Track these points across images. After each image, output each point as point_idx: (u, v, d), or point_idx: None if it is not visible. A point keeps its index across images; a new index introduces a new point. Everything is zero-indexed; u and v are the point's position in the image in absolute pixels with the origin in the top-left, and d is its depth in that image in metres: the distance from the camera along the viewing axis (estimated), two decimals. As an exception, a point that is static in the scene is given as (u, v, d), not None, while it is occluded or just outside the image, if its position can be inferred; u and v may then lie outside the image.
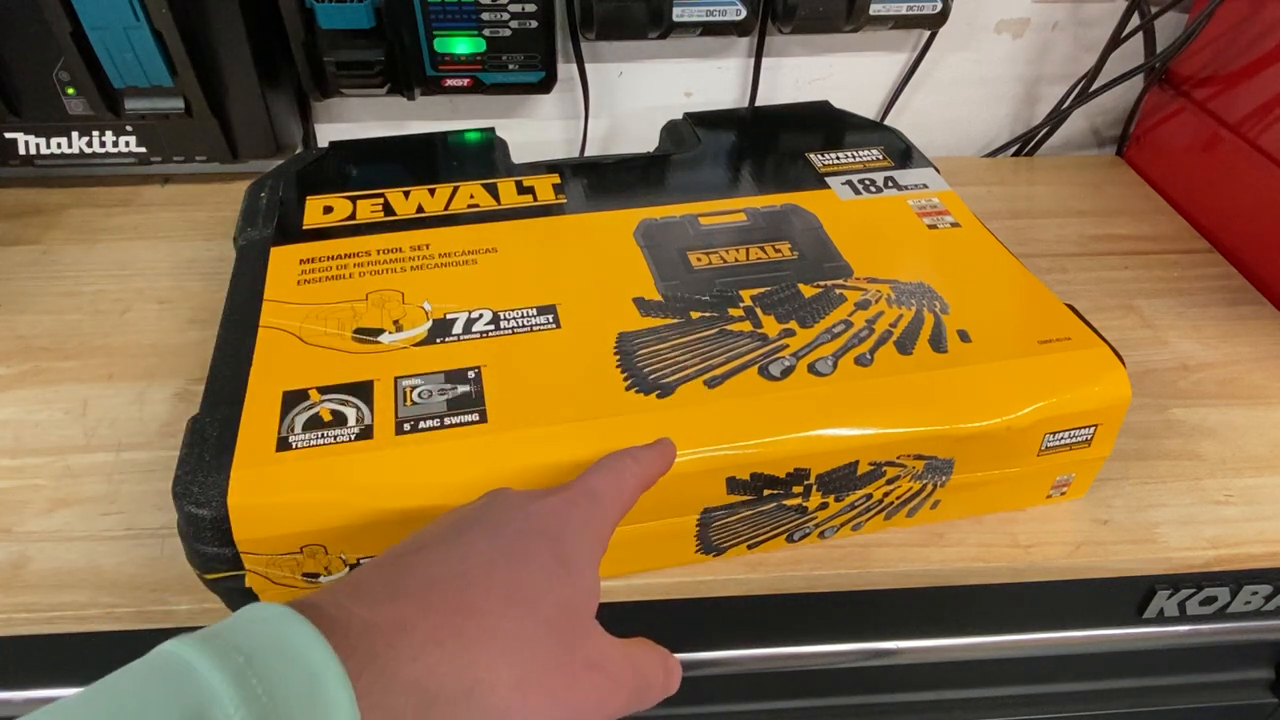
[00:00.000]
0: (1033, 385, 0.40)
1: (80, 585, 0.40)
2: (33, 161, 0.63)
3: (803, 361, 0.40)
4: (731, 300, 0.44)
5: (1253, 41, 0.60)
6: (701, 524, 0.39)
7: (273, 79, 0.63)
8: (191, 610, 0.40)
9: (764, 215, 0.51)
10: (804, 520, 0.41)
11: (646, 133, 0.73)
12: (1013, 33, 0.70)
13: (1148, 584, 0.46)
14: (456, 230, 0.49)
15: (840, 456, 0.38)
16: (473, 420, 0.37)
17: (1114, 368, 0.41)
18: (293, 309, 0.43)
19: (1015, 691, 0.55)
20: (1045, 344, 0.41)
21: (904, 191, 0.53)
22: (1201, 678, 0.55)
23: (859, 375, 0.40)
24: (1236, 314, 0.57)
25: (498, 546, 0.27)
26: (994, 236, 0.49)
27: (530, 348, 0.41)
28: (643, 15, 0.61)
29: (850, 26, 0.63)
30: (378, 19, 0.58)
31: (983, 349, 0.41)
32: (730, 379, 0.39)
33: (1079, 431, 0.41)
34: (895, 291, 0.45)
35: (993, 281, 0.46)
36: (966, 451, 0.40)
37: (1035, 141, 0.75)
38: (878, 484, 0.40)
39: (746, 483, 0.38)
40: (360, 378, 0.39)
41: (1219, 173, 0.63)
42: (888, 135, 0.59)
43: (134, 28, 0.56)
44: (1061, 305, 0.44)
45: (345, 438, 0.36)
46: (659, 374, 0.39)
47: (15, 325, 0.53)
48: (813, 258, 0.47)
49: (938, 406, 0.39)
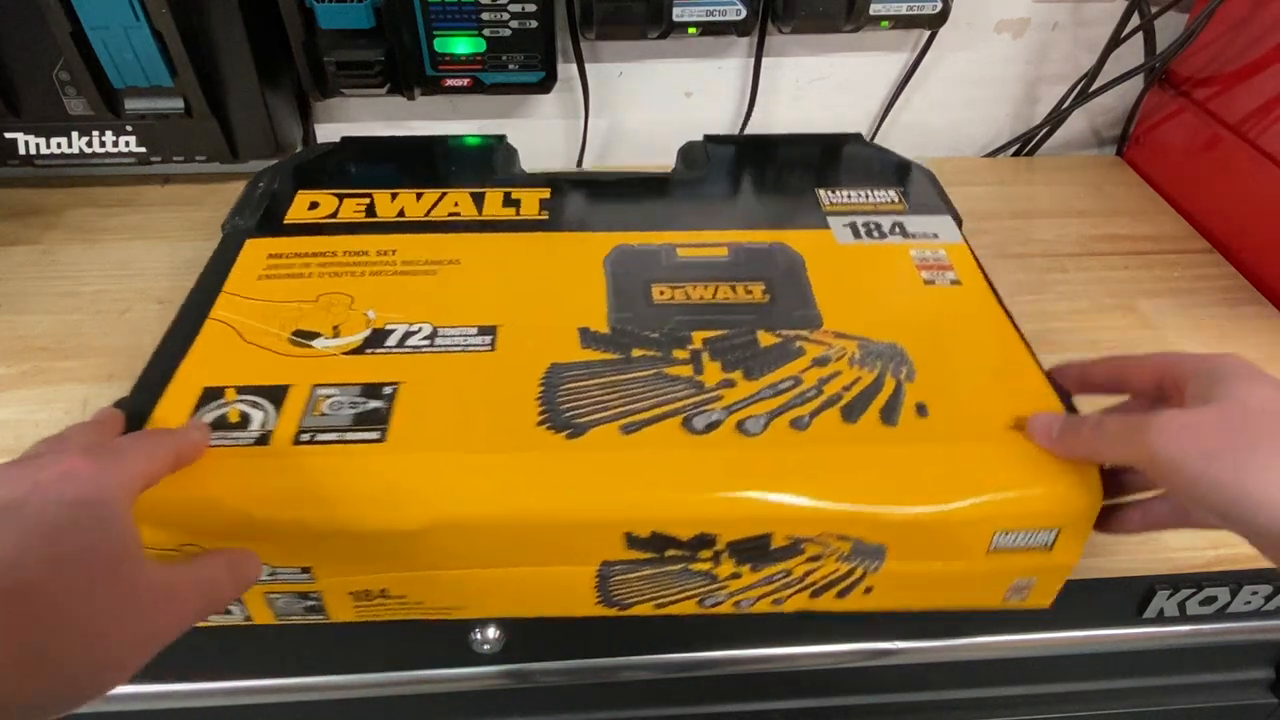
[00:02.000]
0: (983, 474, 0.35)
1: (80, 585, 0.40)
2: (33, 161, 0.63)
3: (734, 417, 0.37)
4: (681, 340, 0.41)
5: (1253, 41, 0.60)
6: (601, 576, 0.37)
7: (273, 79, 0.63)
8: (191, 610, 0.40)
9: (747, 252, 0.48)
10: (715, 588, 0.38)
11: (646, 133, 0.73)
12: (1013, 33, 0.70)
13: (1148, 584, 0.46)
14: (426, 238, 0.48)
15: (752, 526, 0.35)
16: (372, 439, 0.36)
17: (1084, 468, 0.35)
18: (245, 304, 0.44)
19: (1015, 691, 0.55)
20: (1010, 430, 0.37)
21: (910, 240, 0.49)
22: (1201, 678, 0.55)
23: (789, 440, 0.36)
24: (1236, 314, 0.57)
25: (26, 528, 0.27)
26: (997, 300, 0.45)
27: (457, 369, 0.40)
28: (643, 15, 0.61)
29: (850, 26, 0.63)
30: (378, 19, 0.58)
31: (938, 426, 0.37)
32: (649, 427, 0.37)
33: (1037, 534, 0.35)
34: (862, 350, 0.41)
35: (977, 350, 0.42)
36: (900, 539, 0.35)
37: (1035, 141, 0.75)
38: (796, 560, 0.36)
39: (647, 540, 0.35)
40: (280, 381, 0.39)
41: (1219, 173, 0.63)
42: (916, 176, 0.55)
43: (134, 28, 0.56)
44: (1047, 386, 0.39)
45: (243, 441, 0.36)
46: (576, 412, 0.37)
47: (15, 325, 0.53)
48: (784, 303, 0.44)
49: (867, 485, 0.35)
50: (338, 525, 0.34)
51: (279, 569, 0.36)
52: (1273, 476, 0.29)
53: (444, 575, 0.36)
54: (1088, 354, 0.53)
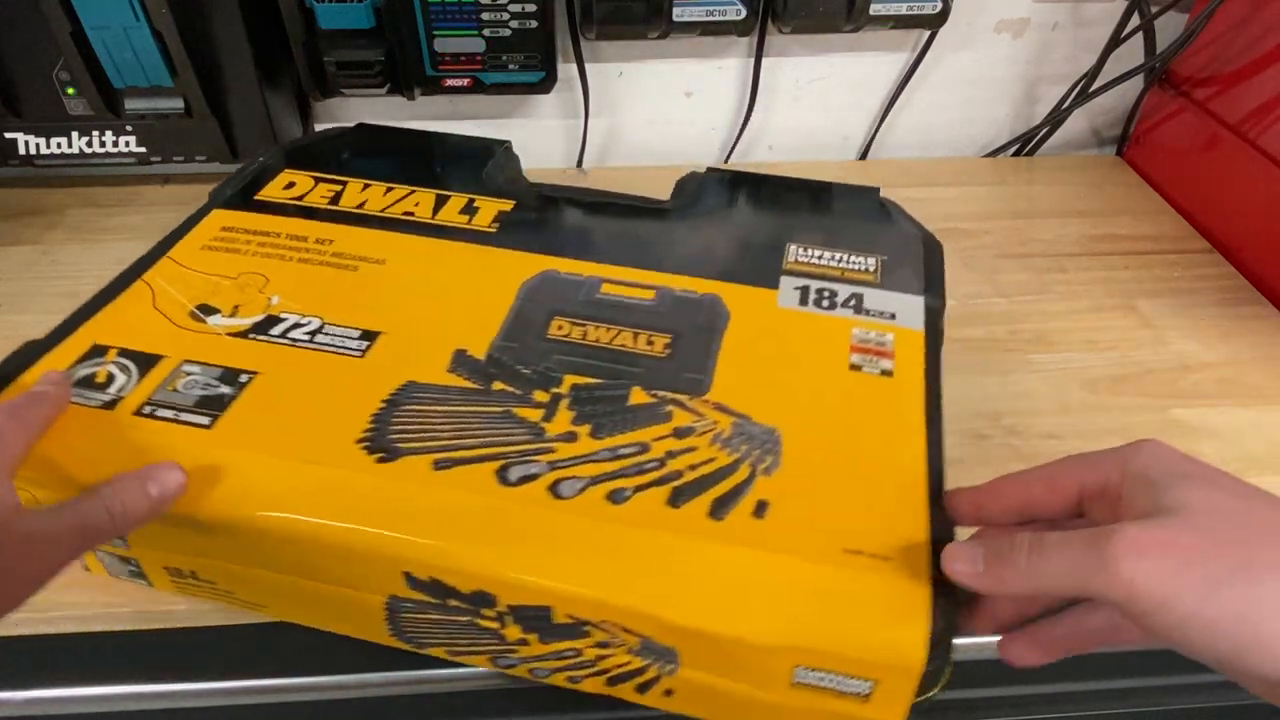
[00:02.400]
0: (792, 597, 0.31)
1: (80, 585, 0.40)
2: (33, 161, 0.63)
3: (553, 475, 0.34)
4: (550, 381, 0.39)
5: (1253, 41, 0.60)
6: (390, 609, 0.35)
7: (273, 79, 0.63)
8: (190, 610, 0.40)
9: (675, 300, 0.44)
10: (506, 649, 0.36)
11: (646, 133, 0.73)
12: (1013, 33, 0.70)
13: (1148, 584, 0.46)
14: (367, 233, 0.48)
15: (530, 595, 0.32)
16: (201, 424, 0.36)
17: (915, 621, 0.30)
18: (177, 271, 0.45)
19: (1015, 691, 0.55)
20: (850, 554, 0.32)
21: (860, 316, 0.43)
22: (1201, 678, 0.55)
23: (598, 511, 0.33)
24: (1236, 314, 0.57)
25: None
26: (926, 404, 0.39)
27: (319, 369, 0.39)
28: (643, 15, 0.61)
29: (850, 26, 0.63)
30: (378, 19, 0.58)
31: (769, 532, 0.33)
32: (462, 467, 0.35)
33: (848, 680, 0.31)
34: (735, 430, 0.37)
35: (864, 456, 0.36)
36: (691, 649, 0.32)
37: (1035, 141, 0.75)
38: (585, 642, 0.33)
39: (427, 584, 0.33)
40: (158, 351, 0.40)
41: (1219, 173, 0.63)
42: (914, 247, 0.48)
43: (134, 28, 0.56)
44: (922, 517, 0.33)
45: (93, 402, 0.37)
46: (402, 437, 0.36)
47: (15, 325, 0.53)
48: (679, 362, 0.40)
49: (651, 582, 0.31)
50: None
51: None
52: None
53: (244, 571, 0.36)
54: (1087, 354, 0.54)
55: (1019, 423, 0.48)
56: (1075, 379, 0.52)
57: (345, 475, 0.34)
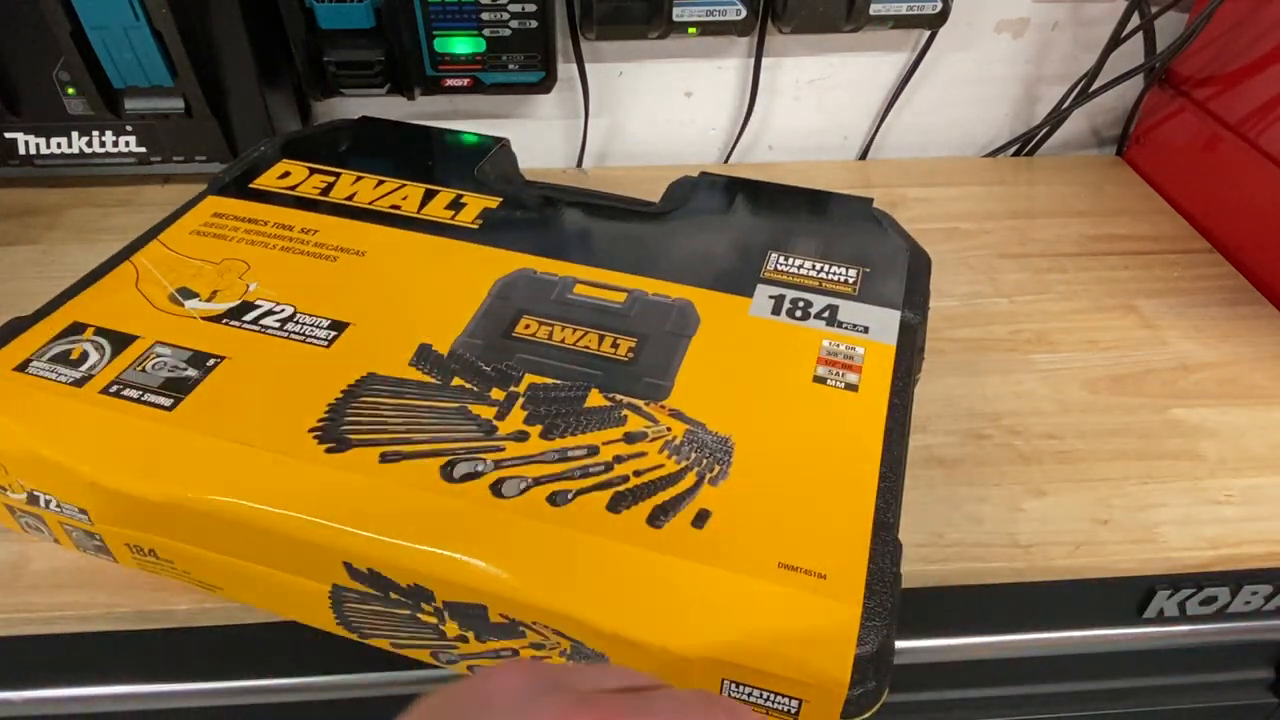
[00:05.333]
0: (719, 610, 0.31)
1: (80, 585, 0.40)
2: (33, 161, 0.63)
3: (496, 474, 0.35)
4: (508, 380, 0.39)
5: (1253, 41, 0.60)
6: (334, 599, 0.36)
7: (273, 79, 0.63)
8: (191, 610, 0.40)
9: (645, 304, 0.44)
10: (445, 645, 0.36)
11: (646, 133, 0.73)
12: (1013, 33, 0.70)
13: (1148, 584, 0.46)
14: (352, 225, 0.48)
15: (464, 593, 0.32)
16: (163, 405, 0.37)
17: (842, 642, 0.30)
18: (164, 254, 0.45)
19: (1015, 691, 0.55)
20: (785, 570, 0.32)
21: (832, 328, 0.42)
22: (1201, 678, 0.55)
23: (537, 513, 0.33)
24: (1236, 314, 0.57)
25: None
26: (884, 422, 0.38)
27: (286, 357, 0.40)
28: (643, 15, 0.61)
29: (850, 26, 0.63)
30: (378, 19, 0.58)
31: (705, 543, 0.32)
32: (408, 461, 0.35)
33: (775, 697, 0.30)
34: (687, 438, 0.37)
35: (816, 471, 0.36)
36: (620, 655, 0.31)
37: (1035, 141, 0.75)
38: (519, 643, 0.34)
39: (366, 575, 0.34)
40: (134, 331, 0.40)
41: (1219, 173, 0.63)
42: (899, 260, 0.47)
43: (134, 28, 0.56)
44: (864, 537, 0.33)
45: (63, 379, 0.38)
46: (354, 428, 0.36)
47: (15, 325, 0.53)
48: (642, 366, 0.40)
49: (582, 586, 0.31)
50: (99, 480, 0.35)
51: (64, 504, 0.37)
52: None
53: (198, 552, 0.37)
54: (1087, 354, 0.54)
55: (1019, 423, 0.49)
56: (1075, 379, 0.52)
57: (293, 464, 0.35)
